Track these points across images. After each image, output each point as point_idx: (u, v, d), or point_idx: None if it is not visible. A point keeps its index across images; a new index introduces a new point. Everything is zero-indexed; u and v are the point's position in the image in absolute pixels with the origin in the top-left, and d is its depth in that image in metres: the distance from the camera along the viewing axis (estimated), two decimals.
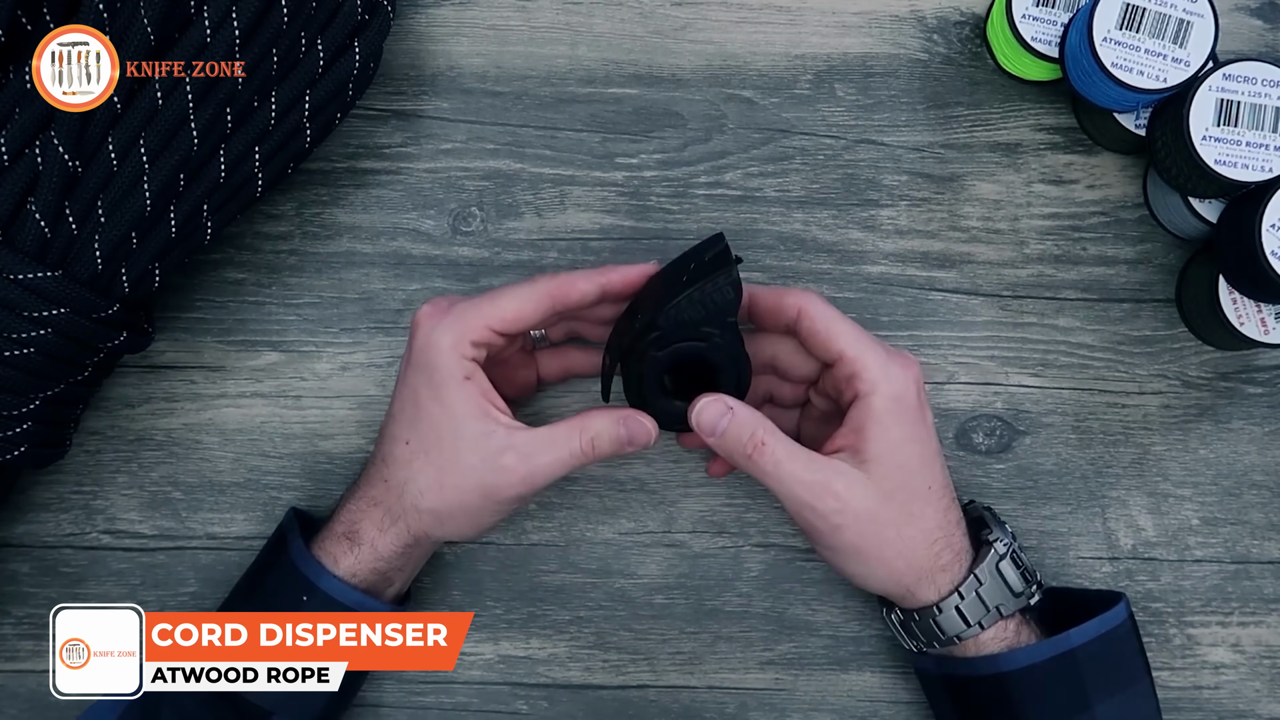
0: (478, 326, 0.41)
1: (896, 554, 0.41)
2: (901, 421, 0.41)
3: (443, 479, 0.41)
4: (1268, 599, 0.49)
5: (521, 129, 0.50)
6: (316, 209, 0.49)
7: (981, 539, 0.44)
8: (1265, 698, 0.49)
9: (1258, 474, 0.50)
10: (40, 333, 0.40)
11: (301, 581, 0.42)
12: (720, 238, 0.42)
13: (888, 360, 0.41)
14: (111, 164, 0.40)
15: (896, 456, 0.41)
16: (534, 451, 0.40)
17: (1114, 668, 0.42)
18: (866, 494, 0.40)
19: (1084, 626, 0.42)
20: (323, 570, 0.42)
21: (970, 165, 0.50)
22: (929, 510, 0.42)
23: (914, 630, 0.43)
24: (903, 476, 0.41)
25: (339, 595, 0.41)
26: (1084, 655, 0.41)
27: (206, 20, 0.40)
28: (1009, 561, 0.42)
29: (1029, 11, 0.47)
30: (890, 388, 0.41)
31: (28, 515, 0.48)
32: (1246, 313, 0.46)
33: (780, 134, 0.50)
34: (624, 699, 0.49)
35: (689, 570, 0.49)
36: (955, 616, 0.42)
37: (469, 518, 0.42)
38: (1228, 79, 0.44)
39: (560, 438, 0.41)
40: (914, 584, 0.42)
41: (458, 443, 0.40)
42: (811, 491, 0.40)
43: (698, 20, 0.51)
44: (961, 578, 0.42)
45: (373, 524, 0.42)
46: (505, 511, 0.42)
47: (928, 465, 0.42)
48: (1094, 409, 0.50)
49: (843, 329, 0.41)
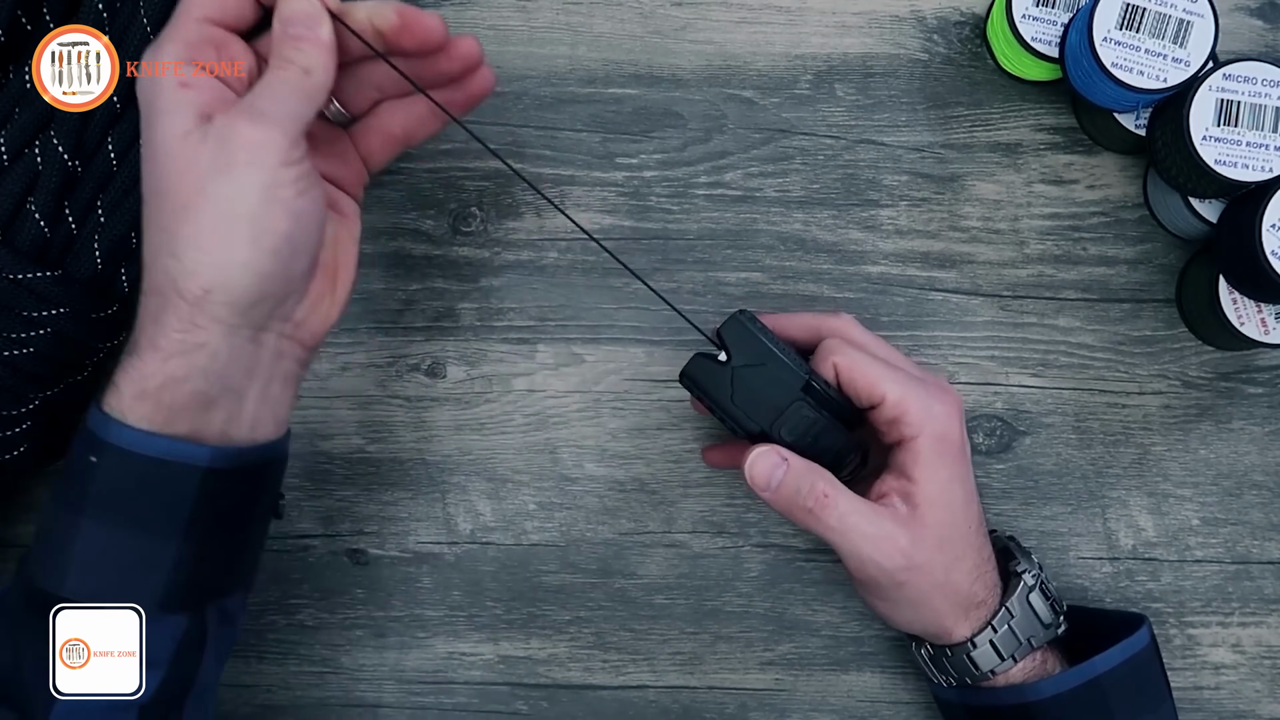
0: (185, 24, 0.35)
1: (944, 598, 0.41)
2: (948, 462, 0.40)
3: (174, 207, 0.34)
4: (1268, 599, 0.49)
5: (521, 129, 0.50)
6: None
7: (1010, 570, 0.43)
8: (1265, 698, 0.49)
9: (1258, 474, 0.50)
10: (40, 333, 0.40)
11: (87, 439, 0.34)
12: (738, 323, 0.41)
13: (929, 399, 0.40)
14: (111, 164, 0.40)
15: (945, 498, 0.40)
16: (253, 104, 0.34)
17: (1139, 692, 0.42)
18: (925, 545, 0.40)
19: (1108, 653, 0.41)
20: (108, 419, 0.34)
21: (970, 165, 0.50)
22: (970, 550, 0.41)
23: (945, 666, 0.43)
24: (950, 519, 0.40)
25: (132, 445, 0.34)
26: (1109, 682, 0.41)
27: None
28: (1038, 593, 0.42)
29: (1029, 11, 0.47)
30: (934, 427, 0.40)
31: (28, 515, 0.48)
32: (1246, 313, 0.46)
33: (780, 134, 0.50)
34: (624, 699, 0.49)
35: (689, 570, 0.49)
36: (990, 651, 0.41)
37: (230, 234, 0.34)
38: (1228, 79, 0.44)
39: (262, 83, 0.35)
40: (954, 623, 0.41)
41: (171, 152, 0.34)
42: (877, 547, 0.39)
43: (698, 20, 0.51)
44: (994, 611, 0.41)
45: (144, 318, 0.35)
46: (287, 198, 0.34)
47: (970, 503, 0.41)
48: (1094, 409, 0.50)
49: (880, 373, 0.40)
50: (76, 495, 0.34)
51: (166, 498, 0.35)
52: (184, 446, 0.34)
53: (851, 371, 0.40)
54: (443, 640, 0.49)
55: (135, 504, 0.35)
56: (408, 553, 0.49)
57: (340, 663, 0.48)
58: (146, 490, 0.35)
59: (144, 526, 0.35)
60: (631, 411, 0.49)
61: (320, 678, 0.48)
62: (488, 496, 0.49)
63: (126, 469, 0.34)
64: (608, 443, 0.49)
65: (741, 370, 0.40)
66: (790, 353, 0.40)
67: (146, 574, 0.35)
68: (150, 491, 0.35)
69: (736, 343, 0.40)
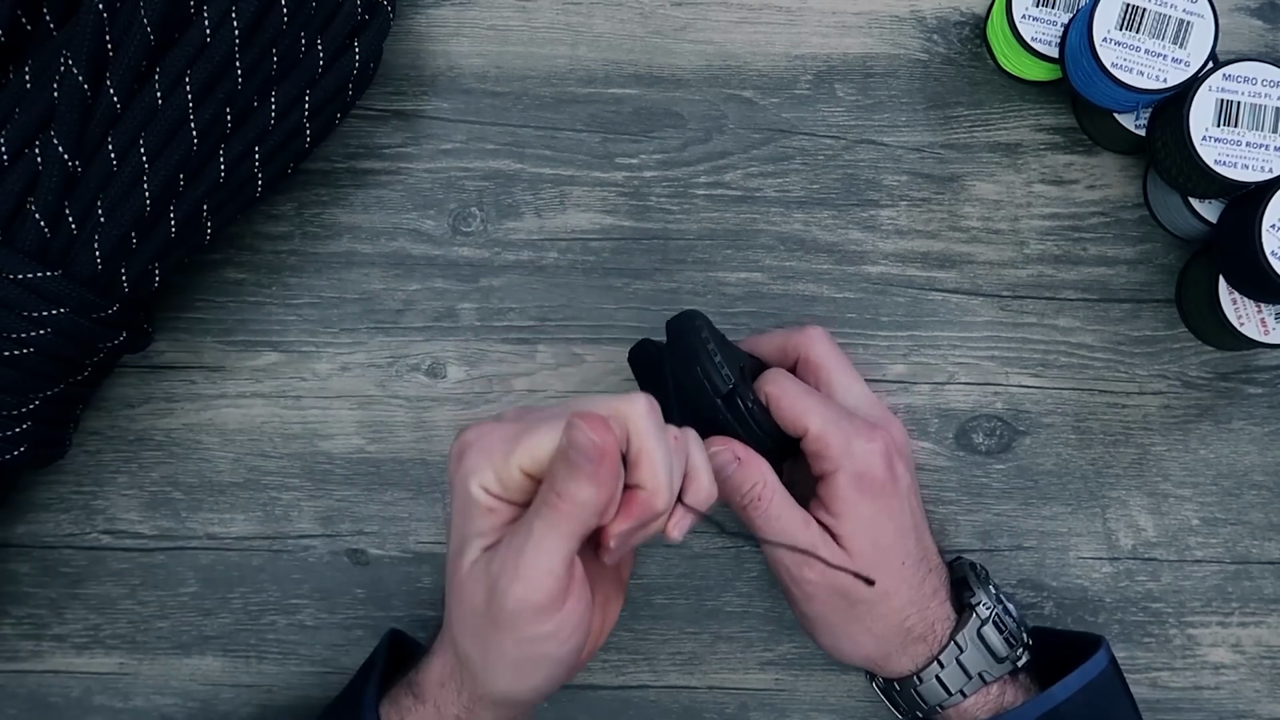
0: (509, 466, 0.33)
1: (864, 630, 0.41)
2: (869, 499, 0.40)
3: (466, 624, 0.35)
4: (1268, 599, 0.49)
5: (521, 129, 0.50)
6: (316, 209, 0.49)
7: (964, 602, 0.42)
8: (1265, 698, 0.49)
9: (1258, 474, 0.50)
10: (40, 333, 0.40)
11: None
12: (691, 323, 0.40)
13: (852, 435, 0.40)
14: (111, 164, 0.40)
15: (868, 533, 0.40)
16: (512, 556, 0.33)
17: (1103, 717, 0.41)
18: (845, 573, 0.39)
19: (1065, 681, 0.40)
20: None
21: (970, 165, 0.50)
22: (902, 587, 0.41)
23: (895, 699, 0.43)
24: (875, 555, 0.40)
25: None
26: (1068, 710, 0.40)
27: (206, 20, 0.40)
28: (991, 626, 0.41)
29: (1029, 11, 0.47)
30: (853, 465, 0.40)
31: (28, 515, 0.48)
32: (1246, 313, 0.46)
33: (780, 134, 0.50)
34: (624, 699, 0.49)
35: (689, 570, 0.49)
36: (936, 686, 0.41)
37: (507, 667, 0.35)
38: (1228, 79, 0.44)
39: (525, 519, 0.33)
40: (883, 660, 0.41)
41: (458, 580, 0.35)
42: (792, 557, 0.40)
43: (698, 20, 0.51)
44: (940, 647, 0.41)
45: (434, 677, 0.38)
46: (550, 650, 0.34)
47: (902, 539, 0.41)
48: (1094, 409, 0.50)
49: (806, 405, 0.40)
50: None
51: None
52: None
53: (780, 401, 0.41)
54: None
55: None
56: (408, 553, 0.49)
57: (340, 663, 0.48)
58: None
59: None
60: None
61: (321, 678, 0.48)
62: None
63: None
64: None
65: (675, 366, 0.40)
66: (728, 364, 0.40)
67: None
68: None
69: (676, 339, 0.40)
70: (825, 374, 0.43)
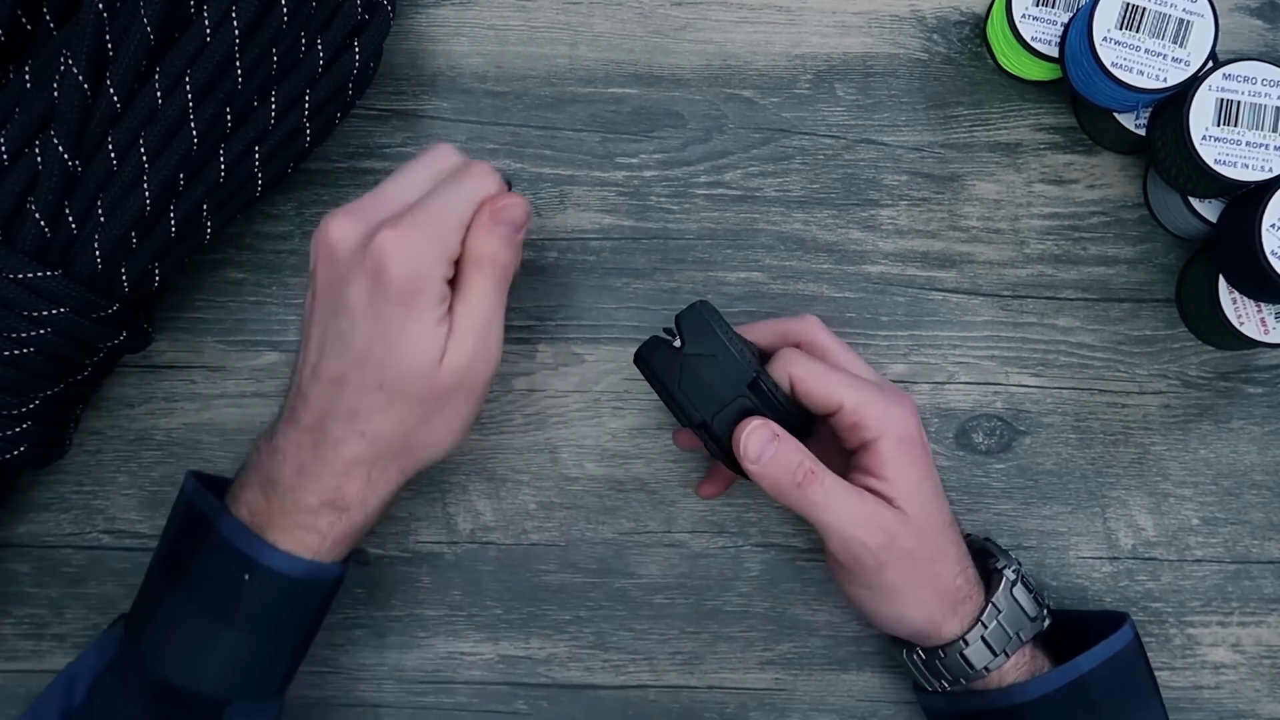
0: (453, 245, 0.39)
1: (931, 590, 0.41)
2: (913, 459, 0.41)
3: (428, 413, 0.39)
4: (1268, 599, 0.49)
5: (521, 129, 0.50)
6: (316, 209, 0.49)
7: (990, 568, 0.44)
8: (1265, 698, 0.49)
9: (1258, 474, 0.50)
10: (40, 332, 0.40)
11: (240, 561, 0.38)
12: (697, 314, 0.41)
13: (887, 402, 0.41)
14: (111, 163, 0.40)
15: (919, 494, 0.41)
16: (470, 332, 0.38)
17: (1125, 690, 0.42)
18: (909, 532, 0.40)
19: (1092, 651, 0.41)
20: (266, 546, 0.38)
21: (970, 165, 0.50)
22: (949, 545, 0.42)
23: (939, 669, 0.43)
24: (926, 514, 0.41)
25: (289, 570, 0.39)
26: (1094, 680, 0.41)
27: (206, 20, 0.40)
28: (1021, 586, 0.42)
29: (1029, 11, 0.47)
30: (895, 429, 0.40)
31: (28, 515, 0.48)
32: (1246, 313, 0.46)
33: (780, 134, 0.50)
34: (624, 699, 0.49)
35: (689, 570, 0.49)
36: (982, 648, 0.41)
37: (463, 433, 0.40)
38: (1228, 79, 0.44)
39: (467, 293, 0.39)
40: (941, 621, 0.41)
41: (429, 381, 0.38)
42: (862, 524, 0.40)
43: (698, 20, 0.51)
44: (980, 608, 0.42)
45: (358, 484, 0.39)
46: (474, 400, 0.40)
47: (941, 499, 0.42)
48: (1094, 409, 0.50)
49: (835, 380, 0.40)
50: (219, 604, 0.39)
51: (302, 609, 0.40)
52: (325, 567, 0.39)
53: (807, 381, 0.40)
54: (443, 640, 0.49)
55: (277, 616, 0.39)
56: (408, 552, 0.49)
57: (340, 663, 0.48)
58: (288, 604, 0.39)
59: (277, 632, 0.40)
60: (631, 411, 0.49)
61: (320, 678, 0.48)
62: (487, 496, 0.49)
63: (276, 587, 0.39)
64: (608, 442, 0.49)
65: (692, 359, 0.40)
66: (745, 351, 0.41)
67: (273, 670, 0.41)
68: (291, 605, 0.40)
69: (692, 332, 0.40)
70: (833, 356, 0.43)
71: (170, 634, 0.39)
